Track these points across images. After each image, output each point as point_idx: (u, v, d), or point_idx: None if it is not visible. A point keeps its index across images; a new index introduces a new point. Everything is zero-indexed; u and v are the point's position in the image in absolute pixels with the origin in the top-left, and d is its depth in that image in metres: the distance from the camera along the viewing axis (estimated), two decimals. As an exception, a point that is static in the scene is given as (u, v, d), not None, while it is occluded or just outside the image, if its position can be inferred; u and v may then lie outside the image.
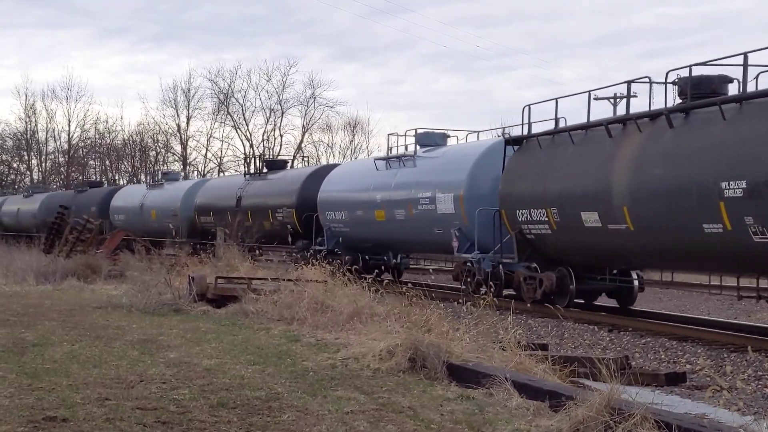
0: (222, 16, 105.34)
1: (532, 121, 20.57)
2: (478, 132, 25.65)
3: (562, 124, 19.63)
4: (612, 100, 53.24)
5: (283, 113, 74.19)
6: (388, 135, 26.92)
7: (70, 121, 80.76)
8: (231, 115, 74.60)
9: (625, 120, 17.18)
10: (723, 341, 14.58)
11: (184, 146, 76.32)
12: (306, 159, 59.53)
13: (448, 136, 25.64)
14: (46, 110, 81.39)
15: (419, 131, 25.51)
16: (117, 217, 44.43)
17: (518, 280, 19.98)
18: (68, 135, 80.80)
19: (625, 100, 18.01)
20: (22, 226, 51.48)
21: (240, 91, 74.98)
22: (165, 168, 68.90)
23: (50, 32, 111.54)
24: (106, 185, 59.72)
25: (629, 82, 17.37)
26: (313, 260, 19.77)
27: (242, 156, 72.81)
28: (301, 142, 73.06)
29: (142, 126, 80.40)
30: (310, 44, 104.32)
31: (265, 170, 35.05)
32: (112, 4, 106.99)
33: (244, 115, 74.63)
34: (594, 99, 58.29)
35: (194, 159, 76.74)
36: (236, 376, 9.43)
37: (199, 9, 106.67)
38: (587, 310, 19.05)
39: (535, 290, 19.28)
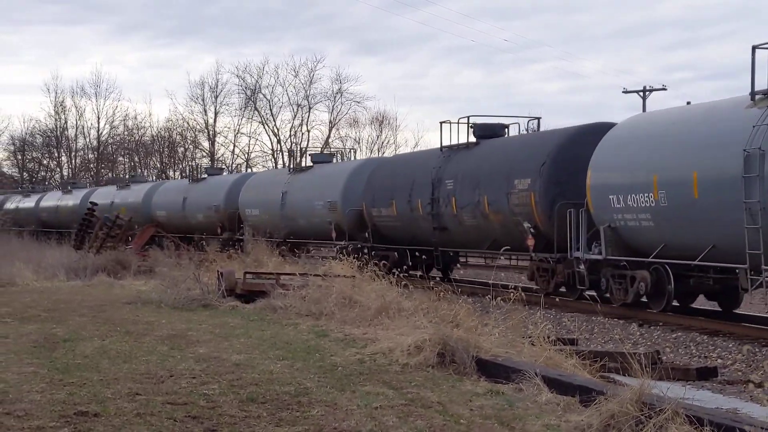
0: (239, 11, 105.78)
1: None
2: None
3: None
4: (641, 93, 52.97)
5: (310, 108, 74.47)
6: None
7: (99, 118, 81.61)
8: (258, 111, 74.96)
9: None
10: (755, 336, 14.43)
11: (212, 142, 76.80)
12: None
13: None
14: (76, 107, 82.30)
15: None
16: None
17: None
18: (97, 131, 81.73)
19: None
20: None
21: (267, 87, 75.33)
22: (194, 164, 68.55)
23: (67, 29, 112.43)
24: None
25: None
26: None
27: (269, 151, 73.06)
28: (329, 137, 73.28)
29: (170, 122, 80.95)
30: (329, 38, 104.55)
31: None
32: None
33: (271, 110, 75.00)
34: (623, 92, 57.38)
35: (222, 155, 77.23)
36: (265, 371, 9.45)
37: (216, 3, 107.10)
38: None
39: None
